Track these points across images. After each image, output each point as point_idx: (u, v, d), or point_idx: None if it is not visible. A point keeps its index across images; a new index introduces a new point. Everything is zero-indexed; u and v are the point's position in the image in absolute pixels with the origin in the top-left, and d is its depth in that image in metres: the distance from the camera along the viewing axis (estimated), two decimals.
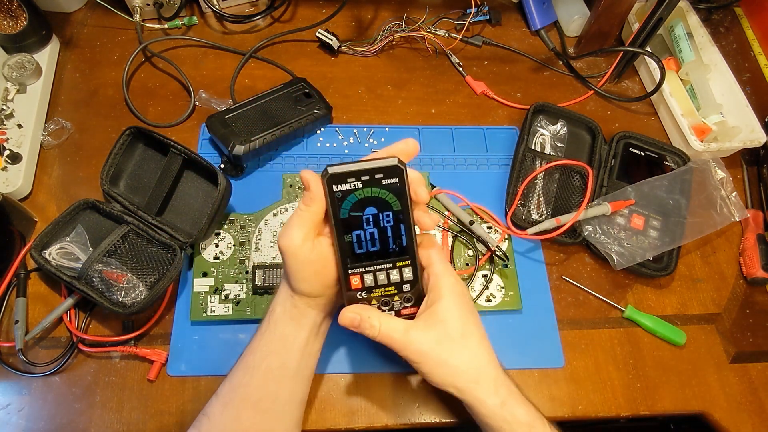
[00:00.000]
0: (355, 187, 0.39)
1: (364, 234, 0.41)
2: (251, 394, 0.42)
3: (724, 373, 0.56)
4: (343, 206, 0.40)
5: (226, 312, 0.53)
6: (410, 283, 0.43)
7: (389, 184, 0.39)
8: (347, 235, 0.40)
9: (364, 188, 0.39)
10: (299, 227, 0.40)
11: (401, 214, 0.40)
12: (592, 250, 0.60)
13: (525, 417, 0.41)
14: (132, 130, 0.56)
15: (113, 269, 0.50)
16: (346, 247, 0.41)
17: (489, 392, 0.41)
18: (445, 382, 0.41)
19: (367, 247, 0.41)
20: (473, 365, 0.42)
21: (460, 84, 0.71)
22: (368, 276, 0.42)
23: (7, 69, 0.62)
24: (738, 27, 0.82)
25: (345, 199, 0.39)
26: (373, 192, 0.40)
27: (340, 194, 0.39)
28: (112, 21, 0.70)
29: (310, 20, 0.72)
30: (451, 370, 0.41)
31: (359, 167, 0.39)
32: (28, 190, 0.59)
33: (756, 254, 0.60)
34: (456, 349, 0.41)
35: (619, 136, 0.65)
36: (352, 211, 0.40)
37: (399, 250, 0.42)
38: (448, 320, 0.41)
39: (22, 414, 0.49)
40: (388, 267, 0.42)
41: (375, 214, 0.40)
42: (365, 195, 0.40)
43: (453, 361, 0.41)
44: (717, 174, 0.62)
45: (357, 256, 0.41)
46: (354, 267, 0.42)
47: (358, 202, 0.40)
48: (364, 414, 0.51)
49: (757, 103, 0.68)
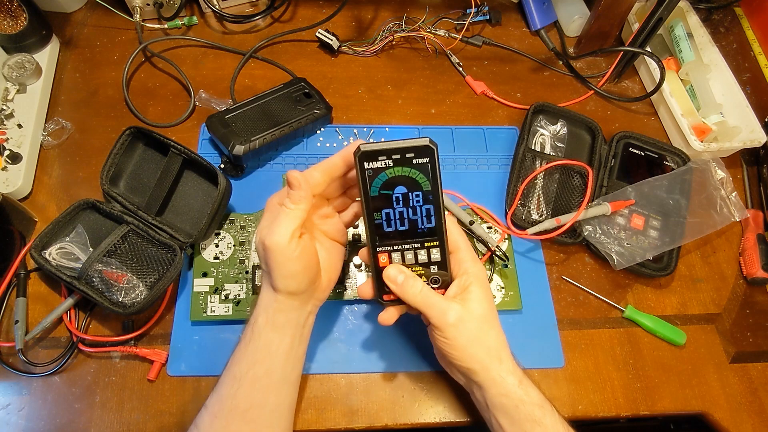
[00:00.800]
0: (386, 165, 0.39)
1: (393, 212, 0.41)
2: (239, 405, 0.42)
3: (724, 373, 0.56)
4: (373, 184, 0.40)
5: (226, 312, 0.53)
6: (438, 264, 0.43)
7: (420, 163, 0.40)
8: (377, 213, 0.41)
9: (395, 167, 0.40)
10: (287, 226, 0.40)
11: (431, 195, 0.41)
12: (592, 250, 0.60)
13: (537, 397, 0.43)
14: (132, 130, 0.56)
15: (113, 269, 0.50)
16: (375, 225, 0.41)
17: (509, 371, 0.43)
18: (472, 358, 0.43)
19: (396, 226, 0.41)
20: (498, 344, 0.44)
21: (460, 84, 0.71)
22: (396, 255, 0.42)
23: (7, 69, 0.62)
24: (738, 27, 0.82)
25: (376, 177, 0.40)
26: (403, 171, 0.40)
27: (371, 172, 0.40)
28: (112, 21, 0.70)
29: (310, 20, 0.72)
30: (481, 347, 0.43)
31: (390, 145, 0.39)
32: (28, 190, 0.59)
33: (756, 254, 0.60)
34: (486, 329, 0.43)
35: (619, 136, 0.65)
36: (383, 189, 0.40)
37: (428, 231, 0.42)
38: (481, 302, 0.43)
39: (22, 414, 0.49)
40: (417, 247, 0.42)
41: (405, 193, 0.40)
42: (396, 174, 0.40)
43: (484, 338, 0.43)
44: (717, 174, 0.62)
45: (386, 234, 0.42)
46: (383, 245, 0.42)
47: (389, 181, 0.40)
48: (364, 414, 0.51)
49: (757, 103, 0.68)
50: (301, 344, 0.46)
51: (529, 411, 0.42)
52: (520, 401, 0.42)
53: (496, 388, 0.43)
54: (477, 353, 0.43)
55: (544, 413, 0.42)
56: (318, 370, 0.52)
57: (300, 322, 0.44)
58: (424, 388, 0.52)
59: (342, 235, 0.47)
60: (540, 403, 0.43)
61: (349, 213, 0.48)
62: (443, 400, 0.52)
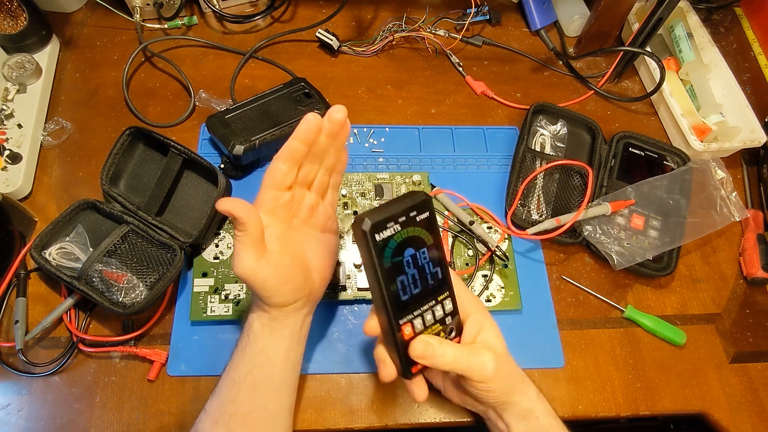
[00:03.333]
0: (395, 231, 0.37)
1: (407, 278, 0.39)
2: (239, 409, 0.42)
3: (724, 373, 0.56)
4: (385, 255, 0.37)
5: (226, 312, 0.53)
6: (451, 315, 0.42)
7: (422, 219, 0.38)
8: (392, 284, 0.38)
9: (402, 230, 0.37)
10: (246, 251, 0.40)
11: (435, 248, 0.39)
12: (592, 250, 0.60)
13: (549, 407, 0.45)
14: (132, 130, 0.56)
15: (113, 269, 0.50)
16: (392, 297, 0.38)
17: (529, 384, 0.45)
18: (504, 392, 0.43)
19: (411, 291, 0.39)
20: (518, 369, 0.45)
21: (460, 84, 0.71)
22: (417, 321, 0.40)
23: (7, 69, 0.62)
24: (738, 27, 0.82)
25: (386, 246, 0.37)
26: (410, 232, 0.38)
27: (381, 243, 0.37)
28: (112, 21, 0.70)
29: (310, 20, 0.72)
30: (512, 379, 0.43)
31: (394, 210, 0.37)
32: (28, 190, 0.59)
33: (756, 254, 0.60)
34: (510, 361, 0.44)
35: (619, 136, 0.65)
36: (394, 257, 0.38)
37: (437, 285, 0.40)
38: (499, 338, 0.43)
39: (22, 414, 0.49)
40: (432, 305, 0.41)
41: (413, 254, 0.38)
42: (403, 237, 0.38)
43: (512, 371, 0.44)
44: (717, 174, 0.62)
45: (403, 303, 0.39)
46: (403, 316, 0.39)
47: (398, 246, 0.38)
48: (364, 414, 0.51)
49: (757, 103, 0.68)
50: (299, 347, 0.46)
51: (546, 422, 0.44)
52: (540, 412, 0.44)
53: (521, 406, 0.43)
54: (510, 387, 0.43)
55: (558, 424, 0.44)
56: (318, 370, 0.52)
57: (296, 326, 0.44)
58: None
59: (332, 223, 0.47)
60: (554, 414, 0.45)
61: (331, 195, 0.46)
62: (443, 400, 0.52)
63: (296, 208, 0.44)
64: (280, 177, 0.42)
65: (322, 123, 0.40)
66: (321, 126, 0.40)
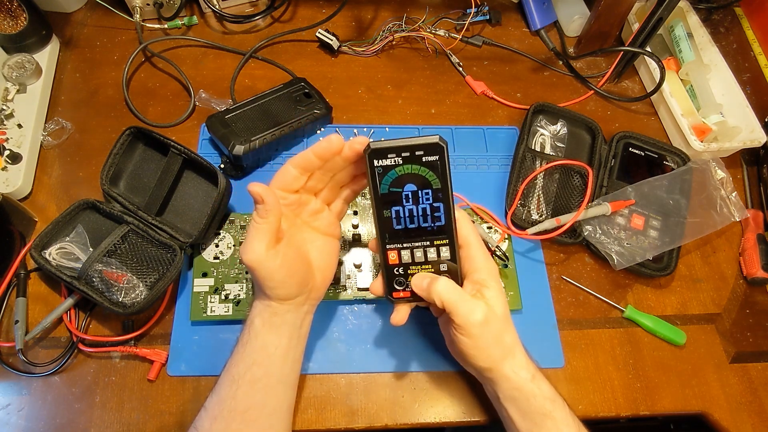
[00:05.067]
0: (395, 163, 0.40)
1: (402, 210, 0.41)
2: (238, 406, 0.42)
3: (724, 373, 0.56)
4: (383, 181, 0.40)
5: (226, 312, 0.53)
6: (447, 263, 0.43)
7: (429, 161, 0.40)
8: (386, 211, 0.41)
9: (404, 164, 0.40)
10: (260, 240, 0.40)
11: (440, 193, 0.41)
12: (592, 250, 0.60)
13: (549, 392, 0.44)
14: (132, 130, 0.56)
15: (113, 269, 0.50)
16: (384, 222, 0.42)
17: (521, 365, 0.44)
18: (490, 357, 0.43)
19: (406, 224, 0.42)
20: (513, 341, 0.44)
21: (460, 84, 0.71)
22: (405, 252, 0.43)
23: (7, 69, 0.62)
24: (738, 27, 0.82)
25: (385, 174, 0.40)
26: (413, 169, 0.40)
27: (380, 169, 0.40)
28: (112, 21, 0.70)
29: (310, 20, 0.72)
30: (499, 346, 0.43)
31: (400, 143, 0.39)
32: (28, 190, 0.59)
33: (756, 254, 0.60)
34: (504, 328, 0.44)
35: (619, 136, 0.65)
36: (392, 186, 0.40)
37: (437, 229, 0.42)
38: (499, 301, 0.43)
39: (22, 414, 0.49)
40: (426, 245, 0.42)
41: (414, 191, 0.41)
42: (405, 171, 0.40)
43: (503, 337, 0.43)
44: (717, 174, 0.62)
45: (395, 231, 0.42)
46: (392, 242, 0.42)
47: (398, 179, 0.40)
48: (364, 414, 0.51)
49: (757, 103, 0.68)
50: (299, 345, 0.46)
51: (540, 404, 0.43)
52: (532, 395, 0.43)
53: (509, 382, 0.43)
54: (494, 353, 0.43)
55: (554, 407, 0.43)
56: (318, 370, 0.52)
57: (297, 323, 0.45)
58: (424, 388, 0.52)
59: (334, 228, 0.47)
60: (551, 397, 0.43)
61: (338, 204, 0.47)
62: (443, 400, 0.52)
63: (300, 209, 0.44)
64: (290, 180, 0.42)
65: (343, 146, 0.41)
66: (341, 148, 0.41)
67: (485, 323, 0.41)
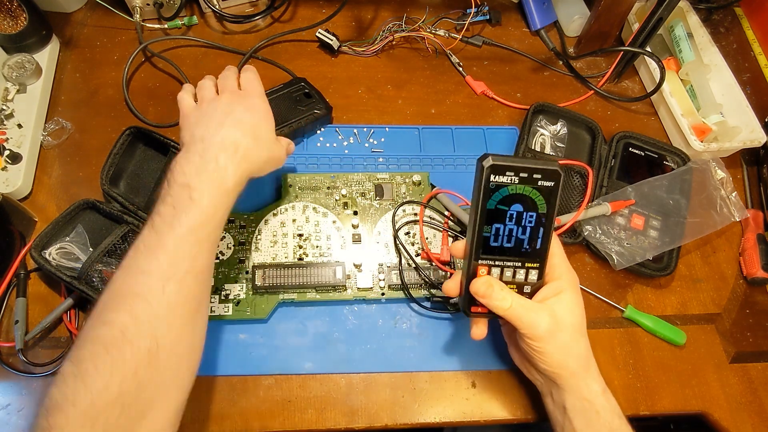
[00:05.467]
0: (511, 181, 0.40)
1: (503, 228, 0.41)
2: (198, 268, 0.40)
3: (724, 373, 0.56)
4: (493, 197, 0.40)
5: (226, 312, 0.53)
6: (532, 285, 0.43)
7: (543, 186, 0.40)
8: (487, 226, 0.41)
9: (519, 184, 0.40)
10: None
11: (545, 218, 0.41)
12: (592, 250, 0.60)
13: (617, 408, 0.44)
14: (132, 130, 0.56)
15: (113, 269, 0.50)
16: (481, 237, 0.41)
17: (594, 378, 0.44)
18: (561, 366, 0.43)
19: (502, 242, 0.42)
20: (588, 353, 0.44)
21: (460, 84, 0.71)
22: (496, 270, 0.43)
23: (7, 69, 0.62)
24: (738, 27, 0.82)
25: (497, 191, 0.40)
26: (525, 190, 0.40)
27: (494, 185, 0.40)
28: (112, 21, 0.70)
29: (310, 20, 0.72)
30: (571, 356, 0.43)
31: (521, 163, 0.39)
32: (28, 190, 0.59)
33: (756, 254, 0.60)
34: (576, 337, 0.43)
35: (619, 136, 0.65)
36: (500, 204, 0.40)
37: (531, 252, 0.42)
38: (573, 311, 0.43)
39: (21, 414, 0.49)
40: (517, 266, 0.42)
41: (520, 212, 0.41)
42: (517, 191, 0.40)
43: (575, 348, 0.43)
44: (717, 174, 0.62)
45: (490, 248, 0.42)
46: (484, 258, 0.42)
47: (508, 197, 0.40)
48: (364, 414, 0.51)
49: (757, 103, 0.68)
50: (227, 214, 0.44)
51: (608, 419, 0.43)
52: (602, 408, 0.43)
53: (579, 393, 0.43)
54: (567, 362, 0.43)
55: (621, 424, 0.43)
56: (318, 370, 0.52)
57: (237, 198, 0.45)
58: (424, 388, 0.52)
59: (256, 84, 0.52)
60: (619, 414, 0.43)
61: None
62: (443, 400, 0.52)
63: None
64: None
65: None
66: None
67: (551, 333, 0.42)
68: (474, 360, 0.53)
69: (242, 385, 0.51)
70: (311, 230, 0.57)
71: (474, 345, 0.53)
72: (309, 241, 0.56)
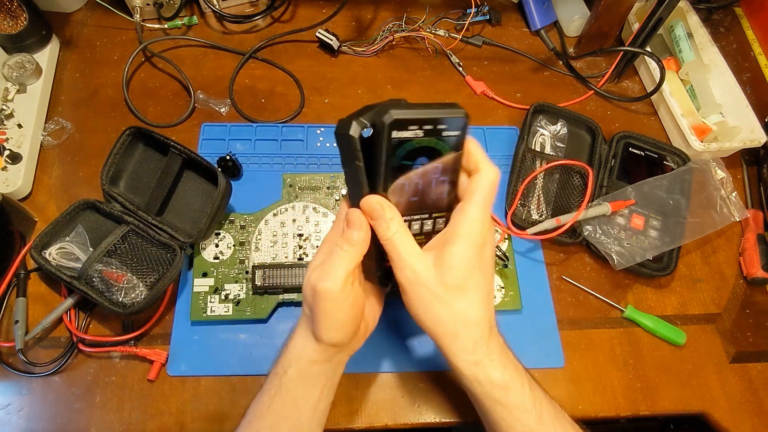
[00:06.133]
0: (415, 135, 0.35)
1: (408, 183, 0.37)
2: None
3: (724, 373, 0.56)
4: (397, 154, 0.35)
5: (226, 312, 0.53)
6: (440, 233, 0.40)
7: (449, 136, 0.36)
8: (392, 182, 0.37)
9: (423, 137, 0.35)
10: (341, 269, 0.36)
11: (451, 169, 0.38)
12: (592, 250, 0.60)
13: (500, 379, 0.38)
14: (132, 130, 0.56)
15: (113, 269, 0.50)
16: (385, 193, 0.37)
17: (465, 349, 0.38)
18: (424, 324, 0.38)
19: (408, 197, 0.38)
20: (458, 319, 0.38)
21: (460, 84, 0.71)
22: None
23: (7, 69, 0.62)
24: (738, 27, 0.82)
25: (401, 146, 0.35)
26: (430, 142, 0.36)
27: (396, 141, 0.35)
28: (112, 21, 0.70)
29: (310, 20, 0.72)
30: (434, 316, 0.38)
31: (426, 115, 0.35)
32: (28, 190, 0.59)
33: (756, 254, 0.60)
34: (447, 299, 0.37)
35: (619, 136, 0.65)
36: (404, 159, 0.36)
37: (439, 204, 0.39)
38: (453, 267, 0.37)
39: (22, 414, 0.49)
40: (425, 217, 0.39)
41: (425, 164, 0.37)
42: (422, 144, 0.36)
43: (438, 310, 0.37)
44: (717, 174, 0.62)
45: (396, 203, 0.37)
46: None
47: (412, 150, 0.36)
48: (364, 414, 0.51)
49: (757, 103, 0.68)
50: (330, 395, 0.42)
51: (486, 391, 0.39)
52: (476, 381, 0.39)
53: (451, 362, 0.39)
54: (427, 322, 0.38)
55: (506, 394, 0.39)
56: None
57: (331, 374, 0.41)
58: (424, 388, 0.52)
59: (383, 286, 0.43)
60: (503, 384, 0.39)
61: None
62: (443, 400, 0.52)
63: None
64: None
65: None
66: None
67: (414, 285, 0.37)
68: None
69: (242, 385, 0.51)
70: (311, 230, 0.57)
71: None
72: (309, 241, 0.56)
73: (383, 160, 0.35)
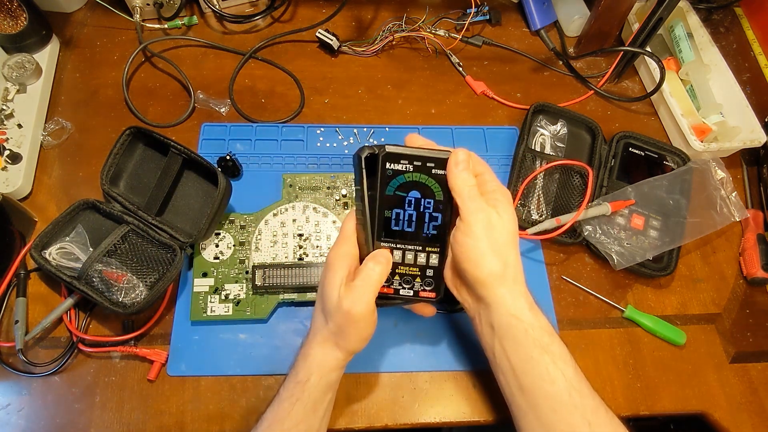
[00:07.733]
0: (406, 169, 0.42)
1: (403, 213, 0.43)
2: None
3: (724, 373, 0.56)
4: (390, 183, 0.42)
5: (226, 312, 0.53)
6: (434, 269, 0.45)
7: (437, 174, 0.42)
8: (387, 211, 0.43)
9: (414, 172, 0.42)
10: (374, 294, 0.41)
11: (441, 205, 0.43)
12: (592, 250, 0.60)
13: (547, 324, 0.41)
14: (132, 130, 0.56)
15: (113, 269, 0.50)
16: (383, 221, 0.43)
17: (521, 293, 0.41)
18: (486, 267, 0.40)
19: (403, 227, 0.43)
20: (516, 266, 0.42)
21: (460, 84, 0.71)
22: (397, 252, 0.44)
23: (7, 69, 0.62)
24: (738, 27, 0.82)
25: (394, 177, 0.42)
26: (421, 178, 0.42)
27: (390, 172, 0.42)
28: (112, 21, 0.70)
29: (310, 20, 0.72)
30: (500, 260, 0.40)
31: (414, 152, 0.42)
32: (28, 190, 0.59)
33: (756, 254, 0.60)
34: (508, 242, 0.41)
35: (619, 136, 0.65)
36: (398, 190, 0.43)
37: (431, 237, 0.44)
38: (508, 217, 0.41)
39: (22, 414, 0.49)
40: (418, 249, 0.44)
41: (418, 198, 0.43)
42: (413, 179, 0.42)
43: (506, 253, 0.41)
44: (717, 174, 0.62)
45: (391, 231, 0.43)
46: (386, 240, 0.44)
47: (405, 184, 0.42)
48: (364, 414, 0.51)
49: (757, 103, 0.68)
50: (334, 397, 0.46)
51: (538, 336, 0.40)
52: (531, 325, 0.40)
53: (506, 308, 0.40)
54: (493, 265, 0.40)
55: (552, 341, 0.40)
56: None
57: (341, 376, 0.45)
58: (424, 388, 0.52)
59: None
60: (550, 331, 0.41)
61: None
62: (443, 400, 0.52)
63: None
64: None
65: None
66: None
67: (490, 226, 0.40)
68: (473, 360, 0.53)
69: (242, 385, 0.51)
70: (311, 230, 0.57)
71: (474, 345, 0.53)
72: (309, 241, 0.56)
73: (379, 187, 0.42)
